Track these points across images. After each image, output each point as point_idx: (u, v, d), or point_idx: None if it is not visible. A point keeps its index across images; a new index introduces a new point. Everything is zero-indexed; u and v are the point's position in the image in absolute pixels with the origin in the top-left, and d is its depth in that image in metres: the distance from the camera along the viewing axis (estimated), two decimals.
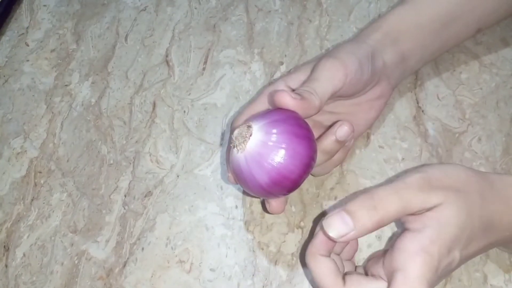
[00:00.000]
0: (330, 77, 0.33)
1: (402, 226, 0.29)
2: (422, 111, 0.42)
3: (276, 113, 0.32)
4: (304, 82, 0.34)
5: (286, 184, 0.31)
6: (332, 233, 0.27)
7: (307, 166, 0.31)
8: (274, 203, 0.34)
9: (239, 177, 0.32)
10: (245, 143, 0.31)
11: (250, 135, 0.31)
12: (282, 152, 0.30)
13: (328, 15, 0.50)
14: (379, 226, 0.28)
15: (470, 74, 0.44)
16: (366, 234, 0.28)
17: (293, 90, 0.33)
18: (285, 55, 0.48)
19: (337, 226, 0.27)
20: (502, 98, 0.42)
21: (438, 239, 0.27)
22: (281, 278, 0.36)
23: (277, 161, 0.30)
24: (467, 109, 0.42)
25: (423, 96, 0.43)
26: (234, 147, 0.31)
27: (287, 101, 0.31)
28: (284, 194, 0.33)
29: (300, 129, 0.31)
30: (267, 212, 0.36)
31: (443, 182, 0.28)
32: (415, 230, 0.28)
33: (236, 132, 0.31)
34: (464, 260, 0.29)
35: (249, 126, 0.31)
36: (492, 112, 0.41)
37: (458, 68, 0.44)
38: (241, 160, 0.31)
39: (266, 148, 0.30)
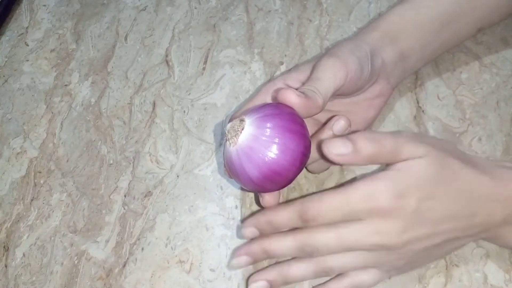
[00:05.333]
0: (332, 76, 0.33)
1: None
2: (423, 111, 0.42)
3: (271, 107, 0.32)
4: (306, 81, 0.34)
5: (277, 179, 0.31)
6: (333, 150, 0.29)
7: (298, 162, 0.31)
8: (267, 197, 0.34)
9: (231, 171, 0.32)
10: (237, 136, 0.31)
11: (242, 129, 0.31)
12: (273, 147, 0.30)
13: (328, 14, 0.50)
14: (373, 158, 0.30)
15: (470, 74, 0.44)
16: (360, 161, 0.30)
17: (296, 89, 0.33)
18: (285, 55, 0.48)
19: (337, 145, 0.29)
20: (502, 98, 0.42)
21: (391, 178, 0.29)
22: None
23: (268, 156, 0.30)
24: (467, 109, 0.42)
25: (423, 96, 0.43)
26: (226, 140, 0.31)
27: (292, 98, 0.31)
28: (277, 189, 0.33)
29: (293, 124, 0.31)
30: (261, 206, 0.36)
31: (433, 141, 0.31)
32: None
33: (229, 125, 0.31)
34: (427, 216, 0.30)
35: (241, 120, 0.31)
36: (492, 112, 0.41)
37: (458, 68, 0.44)
38: (233, 153, 0.31)
39: (258, 142, 0.30)
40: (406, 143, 0.30)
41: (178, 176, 0.42)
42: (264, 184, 0.31)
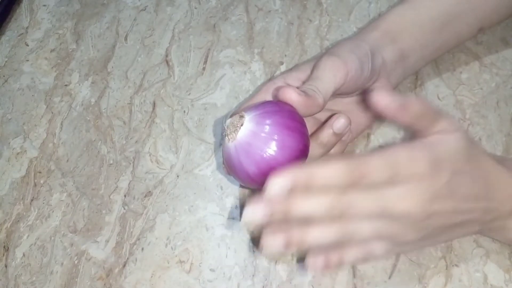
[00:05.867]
0: (332, 75, 0.33)
1: None
2: None
3: (271, 104, 0.32)
4: (307, 81, 0.34)
5: None
6: (384, 99, 0.29)
7: (296, 159, 0.31)
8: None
9: (229, 166, 0.33)
10: (236, 132, 0.31)
11: (241, 125, 0.31)
12: (271, 143, 0.30)
13: (328, 14, 0.50)
14: (415, 119, 0.30)
15: (470, 74, 0.44)
16: (404, 117, 0.29)
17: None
18: (285, 55, 0.48)
19: (388, 95, 0.29)
20: (502, 98, 0.42)
21: (430, 147, 0.29)
22: (281, 279, 0.36)
23: (266, 152, 0.30)
24: (467, 109, 0.42)
25: (423, 96, 0.43)
26: (225, 136, 0.32)
27: (293, 97, 0.31)
28: None
29: (293, 122, 0.31)
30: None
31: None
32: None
33: (228, 121, 0.32)
34: (456, 191, 0.30)
35: (241, 116, 0.31)
36: (492, 112, 0.41)
37: (458, 68, 0.44)
38: (231, 149, 0.31)
39: (256, 138, 0.30)
40: (444, 116, 0.31)
41: (178, 176, 0.42)
42: (261, 180, 0.31)
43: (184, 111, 0.45)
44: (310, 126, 0.35)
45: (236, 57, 0.48)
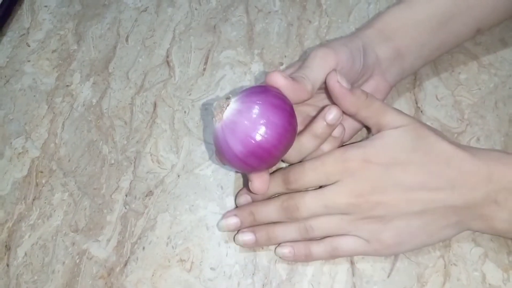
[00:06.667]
0: (322, 64, 0.33)
1: None
2: (421, 111, 0.43)
3: (258, 87, 0.32)
4: (297, 70, 0.34)
5: (261, 154, 0.31)
6: (336, 77, 0.33)
7: (282, 137, 0.31)
8: (256, 182, 0.34)
9: (217, 149, 0.33)
10: (222, 113, 0.31)
11: (227, 106, 0.31)
12: (256, 121, 0.30)
13: (327, 16, 0.50)
14: (360, 106, 0.34)
15: (469, 75, 0.44)
16: (350, 100, 0.33)
17: None
18: (285, 56, 0.48)
19: (341, 77, 0.33)
20: (500, 99, 0.42)
21: (363, 145, 0.33)
22: (281, 277, 0.36)
23: (251, 129, 0.30)
24: (465, 109, 0.42)
25: (422, 97, 0.43)
26: (212, 118, 0.32)
27: (279, 80, 0.32)
28: (263, 167, 0.33)
29: (278, 101, 0.31)
30: (252, 192, 0.35)
31: (417, 119, 0.35)
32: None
33: (215, 103, 0.32)
34: (398, 181, 0.32)
35: (227, 98, 0.32)
36: (490, 112, 0.42)
37: (457, 69, 0.45)
38: (219, 130, 0.31)
39: (241, 116, 0.30)
40: (392, 110, 0.34)
41: (179, 176, 0.42)
42: (248, 160, 0.31)
43: (185, 112, 0.46)
44: (304, 124, 0.36)
45: (236, 58, 0.49)
